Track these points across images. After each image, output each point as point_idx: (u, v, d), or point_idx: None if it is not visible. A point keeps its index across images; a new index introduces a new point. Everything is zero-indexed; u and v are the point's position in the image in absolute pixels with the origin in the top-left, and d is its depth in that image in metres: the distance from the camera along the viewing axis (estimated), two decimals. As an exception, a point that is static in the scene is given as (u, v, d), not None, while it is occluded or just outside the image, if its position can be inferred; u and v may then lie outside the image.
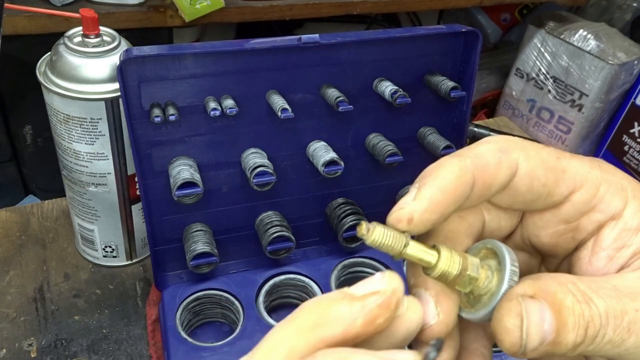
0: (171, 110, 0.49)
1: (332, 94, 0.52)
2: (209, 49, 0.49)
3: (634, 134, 1.73)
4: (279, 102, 0.50)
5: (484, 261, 0.27)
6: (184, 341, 0.52)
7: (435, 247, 0.26)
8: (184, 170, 0.51)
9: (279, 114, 0.50)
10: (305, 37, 0.50)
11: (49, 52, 0.55)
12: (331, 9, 1.40)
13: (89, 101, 0.52)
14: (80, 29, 0.55)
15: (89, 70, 0.52)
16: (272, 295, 0.60)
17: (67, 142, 0.56)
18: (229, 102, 0.50)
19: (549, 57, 1.77)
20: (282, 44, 0.50)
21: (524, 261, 0.31)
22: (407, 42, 0.55)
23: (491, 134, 0.93)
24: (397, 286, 0.23)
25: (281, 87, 0.52)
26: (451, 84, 0.54)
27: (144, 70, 0.48)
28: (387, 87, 0.53)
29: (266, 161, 0.53)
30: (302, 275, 0.60)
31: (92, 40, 0.54)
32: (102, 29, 0.55)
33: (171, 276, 0.58)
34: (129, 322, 0.60)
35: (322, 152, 0.54)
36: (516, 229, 0.30)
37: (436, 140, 0.57)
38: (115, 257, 0.64)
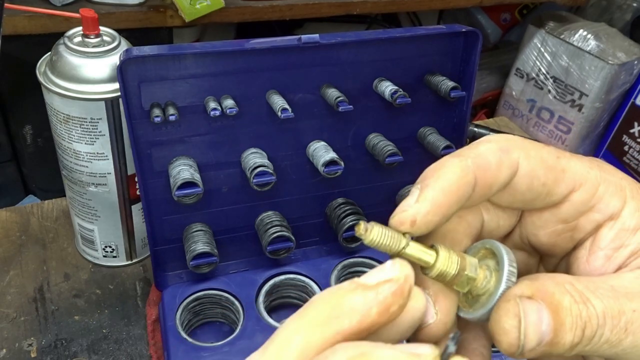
0: (171, 110, 0.49)
1: (332, 94, 0.52)
2: (209, 49, 0.49)
3: (633, 134, 1.74)
4: (279, 102, 0.50)
5: (482, 261, 0.27)
6: (184, 341, 0.52)
7: (433, 247, 0.26)
8: (184, 170, 0.51)
9: (279, 114, 0.50)
10: (305, 37, 0.50)
11: (49, 52, 0.55)
12: (331, 9, 1.40)
13: (89, 101, 0.52)
14: (80, 29, 0.55)
15: (89, 70, 0.53)
16: (272, 295, 0.60)
17: (67, 142, 0.56)
18: (229, 102, 0.50)
19: (549, 57, 1.77)
20: (282, 44, 0.50)
21: (522, 261, 0.31)
22: (407, 42, 0.55)
23: (491, 134, 0.93)
24: (408, 273, 0.23)
25: (281, 87, 0.52)
26: (451, 84, 0.54)
27: (144, 70, 0.48)
28: (387, 87, 0.53)
29: (266, 161, 0.53)
30: (302, 275, 0.60)
31: (92, 40, 0.54)
32: (102, 29, 0.55)
33: (171, 276, 0.58)
34: (129, 322, 0.60)
35: (322, 152, 0.54)
36: (515, 228, 0.30)
37: (436, 140, 0.57)
38: (115, 257, 0.64)
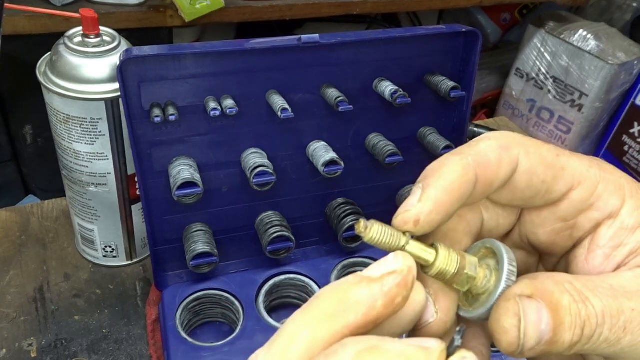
0: (171, 110, 0.49)
1: (332, 94, 0.52)
2: (209, 49, 0.49)
3: (633, 134, 1.74)
4: (279, 102, 0.50)
5: (482, 260, 0.27)
6: (184, 341, 0.52)
7: (433, 246, 0.26)
8: (184, 170, 0.51)
9: (279, 114, 0.50)
10: (305, 37, 0.50)
11: (49, 52, 0.55)
12: (331, 9, 1.40)
13: (89, 101, 0.52)
14: (80, 29, 0.55)
15: (89, 70, 0.53)
16: (272, 295, 0.60)
17: (67, 142, 0.56)
18: (229, 102, 0.50)
19: (549, 57, 1.77)
20: (282, 44, 0.50)
21: (522, 260, 0.31)
22: (407, 42, 0.55)
23: (490, 131, 0.93)
24: (411, 264, 0.23)
25: (281, 87, 0.52)
26: (451, 84, 0.54)
27: (144, 70, 0.48)
28: (387, 87, 0.53)
29: (266, 161, 0.53)
30: (302, 275, 0.60)
31: (92, 40, 0.54)
32: (102, 29, 0.55)
33: (171, 276, 0.58)
34: (129, 322, 0.60)
35: (322, 152, 0.54)
36: (514, 227, 0.30)
37: (436, 140, 0.57)
38: (115, 257, 0.64)
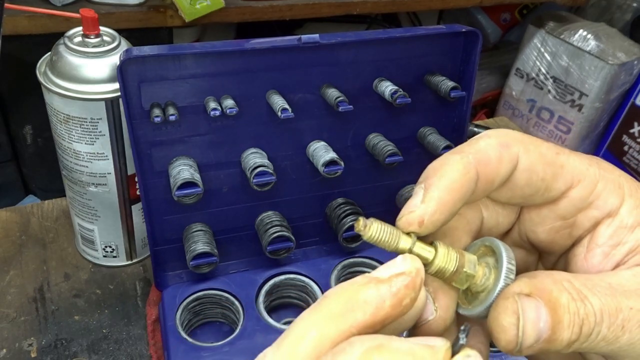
0: (171, 110, 0.49)
1: (332, 94, 0.52)
2: (209, 49, 0.49)
3: (633, 134, 1.74)
4: (279, 102, 0.50)
5: (482, 259, 0.27)
6: (184, 341, 0.52)
7: (432, 244, 0.26)
8: (184, 170, 0.51)
9: (279, 114, 0.50)
10: (305, 37, 0.50)
11: (49, 52, 0.55)
12: (331, 9, 1.40)
13: (89, 101, 0.52)
14: (80, 29, 0.55)
15: (89, 70, 0.53)
16: (272, 295, 0.60)
17: (67, 142, 0.56)
18: (229, 102, 0.50)
19: (549, 57, 1.77)
20: (282, 44, 0.50)
21: (521, 258, 0.31)
22: (407, 42, 0.55)
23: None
24: (419, 267, 0.23)
25: (281, 87, 0.52)
26: (451, 84, 0.54)
27: (144, 70, 0.48)
28: (387, 87, 0.53)
29: (266, 161, 0.53)
30: (302, 275, 0.60)
31: (92, 40, 0.54)
32: (102, 29, 0.55)
33: (171, 276, 0.58)
34: (129, 322, 0.60)
35: (322, 152, 0.54)
36: (514, 226, 0.30)
37: (436, 140, 0.57)
38: (115, 257, 0.64)
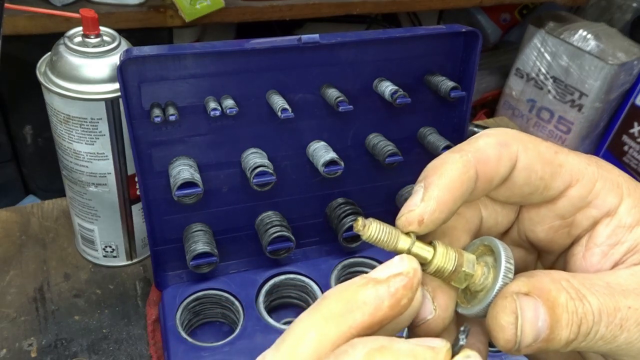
0: (171, 110, 0.49)
1: (332, 94, 0.52)
2: (209, 49, 0.49)
3: (633, 134, 1.74)
4: (279, 102, 0.50)
5: (481, 258, 0.27)
6: (184, 341, 0.52)
7: (431, 244, 0.26)
8: (184, 170, 0.51)
9: (279, 114, 0.50)
10: (305, 37, 0.50)
11: (49, 52, 0.55)
12: (331, 9, 1.40)
13: (89, 101, 0.52)
14: (80, 29, 0.55)
15: (89, 70, 0.53)
16: (272, 295, 0.60)
17: (67, 142, 0.56)
18: (229, 102, 0.50)
19: (548, 57, 1.77)
20: (282, 44, 0.50)
21: (520, 257, 0.31)
22: (407, 42, 0.55)
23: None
24: (416, 267, 0.23)
25: (281, 87, 0.52)
26: (451, 84, 0.54)
27: (144, 70, 0.48)
28: (387, 87, 0.53)
29: (266, 161, 0.53)
30: (302, 275, 0.60)
31: (92, 40, 0.54)
32: (102, 29, 0.55)
33: (171, 276, 0.58)
34: (129, 322, 0.60)
35: (322, 152, 0.54)
36: (513, 225, 0.30)
37: (436, 140, 0.57)
38: (115, 257, 0.64)
